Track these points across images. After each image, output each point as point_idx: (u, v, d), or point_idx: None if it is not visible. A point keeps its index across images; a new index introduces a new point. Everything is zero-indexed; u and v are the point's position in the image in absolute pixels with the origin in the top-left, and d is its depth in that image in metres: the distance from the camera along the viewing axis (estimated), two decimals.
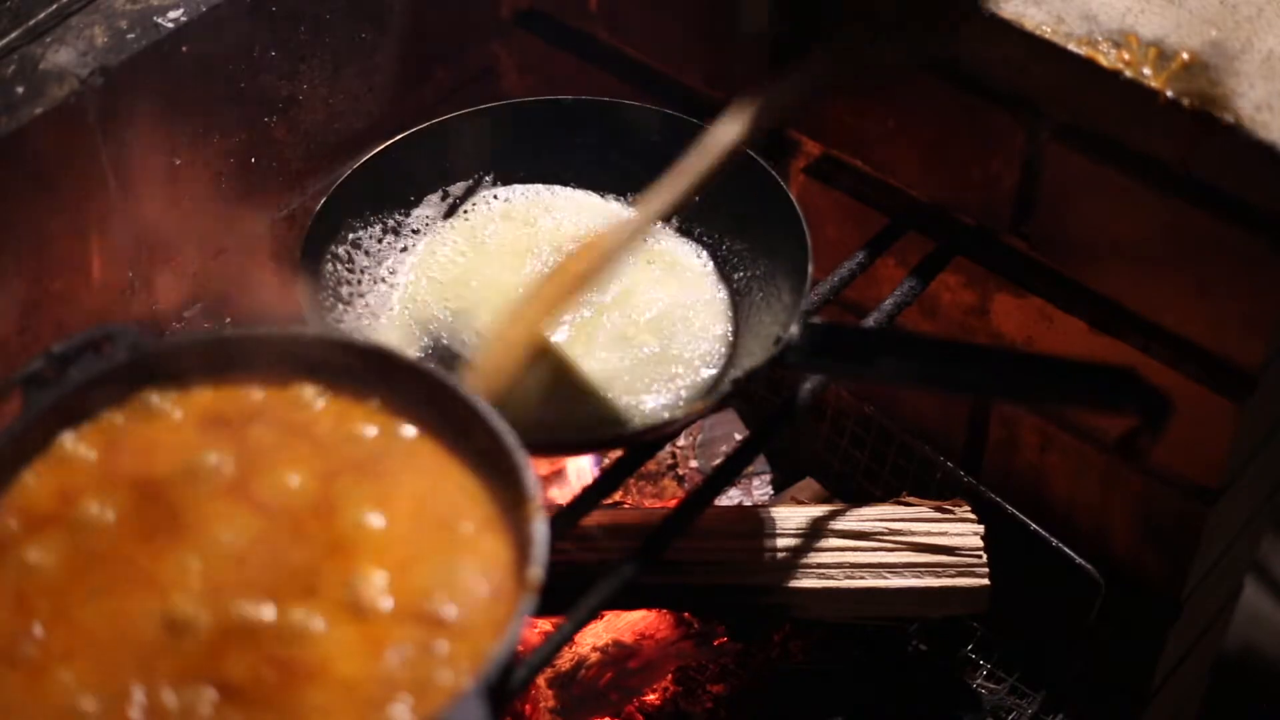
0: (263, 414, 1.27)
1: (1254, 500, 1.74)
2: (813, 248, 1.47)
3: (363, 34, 1.71)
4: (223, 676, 1.11)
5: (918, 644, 1.69)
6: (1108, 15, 1.46)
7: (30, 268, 1.49)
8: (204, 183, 1.62)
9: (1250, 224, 1.40)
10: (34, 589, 1.16)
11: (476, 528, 1.20)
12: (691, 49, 1.75)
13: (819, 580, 1.54)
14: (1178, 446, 1.53)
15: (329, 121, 1.72)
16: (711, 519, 1.54)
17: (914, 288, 1.55)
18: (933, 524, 1.57)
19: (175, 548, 1.18)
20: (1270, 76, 1.40)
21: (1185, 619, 1.71)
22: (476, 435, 1.23)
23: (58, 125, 1.45)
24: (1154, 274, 1.49)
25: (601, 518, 1.51)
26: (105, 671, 1.12)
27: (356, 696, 1.11)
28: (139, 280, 1.61)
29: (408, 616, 1.15)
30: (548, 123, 1.62)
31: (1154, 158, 1.43)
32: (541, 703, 1.55)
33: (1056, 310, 1.57)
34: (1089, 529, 1.67)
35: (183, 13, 1.52)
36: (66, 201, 1.50)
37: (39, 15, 1.49)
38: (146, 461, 1.23)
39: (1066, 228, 1.53)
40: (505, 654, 1.11)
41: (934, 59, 1.51)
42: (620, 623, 1.59)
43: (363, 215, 1.56)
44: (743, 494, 1.79)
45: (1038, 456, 1.69)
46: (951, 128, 1.56)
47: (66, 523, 1.19)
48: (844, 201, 1.68)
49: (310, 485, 1.22)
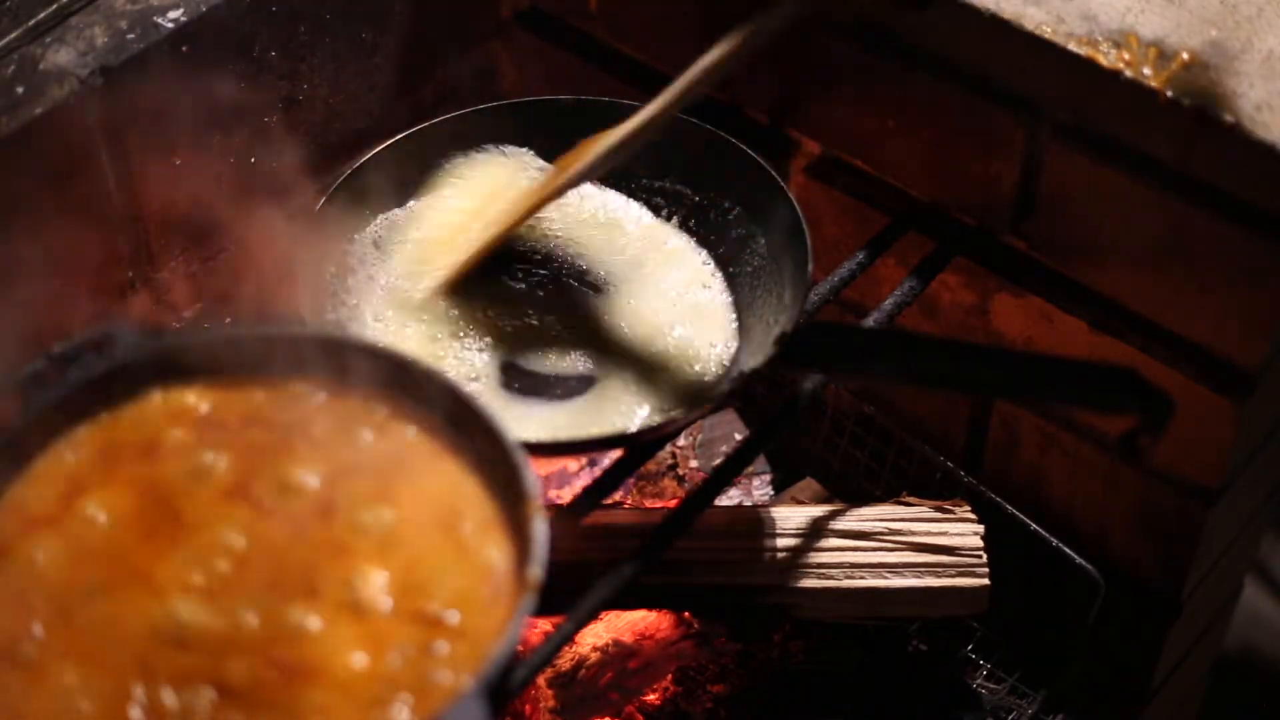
0: (263, 414, 1.27)
1: (1254, 500, 1.74)
2: (813, 248, 1.47)
3: (363, 34, 1.71)
4: (223, 676, 1.11)
5: (918, 644, 1.69)
6: (1108, 15, 1.46)
7: (30, 267, 1.49)
8: (204, 183, 1.62)
9: (1250, 224, 1.40)
10: (34, 589, 1.16)
11: (476, 528, 1.20)
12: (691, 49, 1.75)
13: (819, 580, 1.54)
14: (1178, 446, 1.53)
15: (329, 121, 1.72)
16: (711, 519, 1.54)
17: (914, 288, 1.55)
18: (933, 524, 1.57)
19: (175, 548, 1.18)
20: (1270, 76, 1.40)
21: (1185, 619, 1.71)
22: (476, 436, 1.23)
23: (58, 125, 1.45)
24: (1154, 274, 1.49)
25: (601, 518, 1.51)
26: (105, 671, 1.12)
27: (356, 696, 1.11)
28: (139, 280, 1.61)
29: (408, 616, 1.15)
30: (548, 123, 1.62)
31: (1154, 158, 1.43)
32: (541, 703, 1.55)
33: (1056, 310, 1.58)
34: (1089, 529, 1.67)
35: (183, 13, 1.52)
36: (67, 201, 1.50)
37: (39, 15, 1.49)
38: (146, 462, 1.23)
39: (1066, 228, 1.53)
40: (505, 654, 1.11)
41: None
42: (620, 623, 1.59)
43: (363, 215, 1.56)
44: (743, 494, 1.79)
45: (1038, 456, 1.69)
46: (951, 128, 1.56)
47: (67, 523, 1.19)
48: (844, 201, 1.68)
49: (310, 485, 1.22)
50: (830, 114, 1.66)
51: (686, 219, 1.60)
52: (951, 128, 1.56)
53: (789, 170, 1.70)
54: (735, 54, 1.43)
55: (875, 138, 1.63)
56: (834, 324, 1.67)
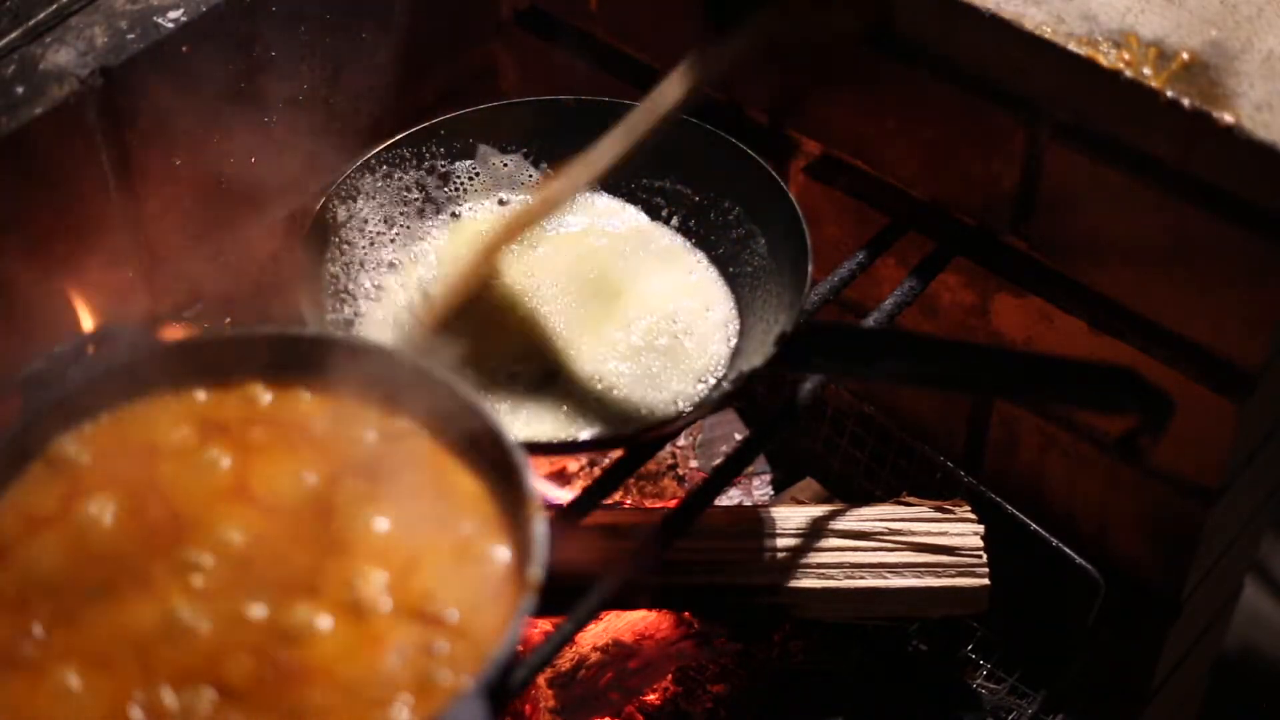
0: (263, 414, 1.27)
1: (1254, 500, 1.74)
2: (813, 248, 1.47)
3: (363, 34, 1.71)
4: (223, 677, 1.11)
5: (918, 644, 1.69)
6: (1108, 15, 1.46)
7: (30, 268, 1.49)
8: (204, 183, 1.62)
9: (1250, 224, 1.40)
10: (34, 589, 1.16)
11: (476, 528, 1.20)
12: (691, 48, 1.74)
13: (819, 580, 1.54)
14: (1178, 446, 1.53)
15: (329, 121, 1.72)
16: (711, 519, 1.54)
17: (914, 288, 1.55)
18: (933, 524, 1.57)
19: (175, 548, 1.18)
20: (1270, 76, 1.40)
21: (1185, 619, 1.71)
22: (477, 435, 1.23)
23: (58, 125, 1.45)
24: (1154, 274, 1.49)
25: (601, 518, 1.51)
26: (105, 671, 1.12)
27: (357, 697, 1.11)
28: (139, 280, 1.61)
29: (408, 616, 1.15)
30: (548, 123, 1.62)
31: (1154, 158, 1.43)
32: (541, 703, 1.55)
33: (1056, 310, 1.57)
34: (1089, 529, 1.67)
35: (183, 13, 1.52)
36: (66, 201, 1.50)
37: (39, 15, 1.49)
38: (147, 462, 1.23)
39: (1066, 227, 1.53)
40: (505, 654, 1.11)
41: (877, 27, 1.51)
42: (620, 623, 1.59)
43: (362, 215, 1.56)
44: (743, 494, 1.79)
45: (1038, 456, 1.69)
46: (951, 128, 1.56)
47: (67, 523, 1.19)
48: (844, 201, 1.68)
49: (310, 485, 1.22)
50: (830, 114, 1.66)
51: (686, 219, 1.60)
52: (951, 128, 1.56)
53: (789, 170, 1.70)
54: (703, 78, 1.46)
55: (875, 138, 1.63)
56: (834, 324, 1.67)
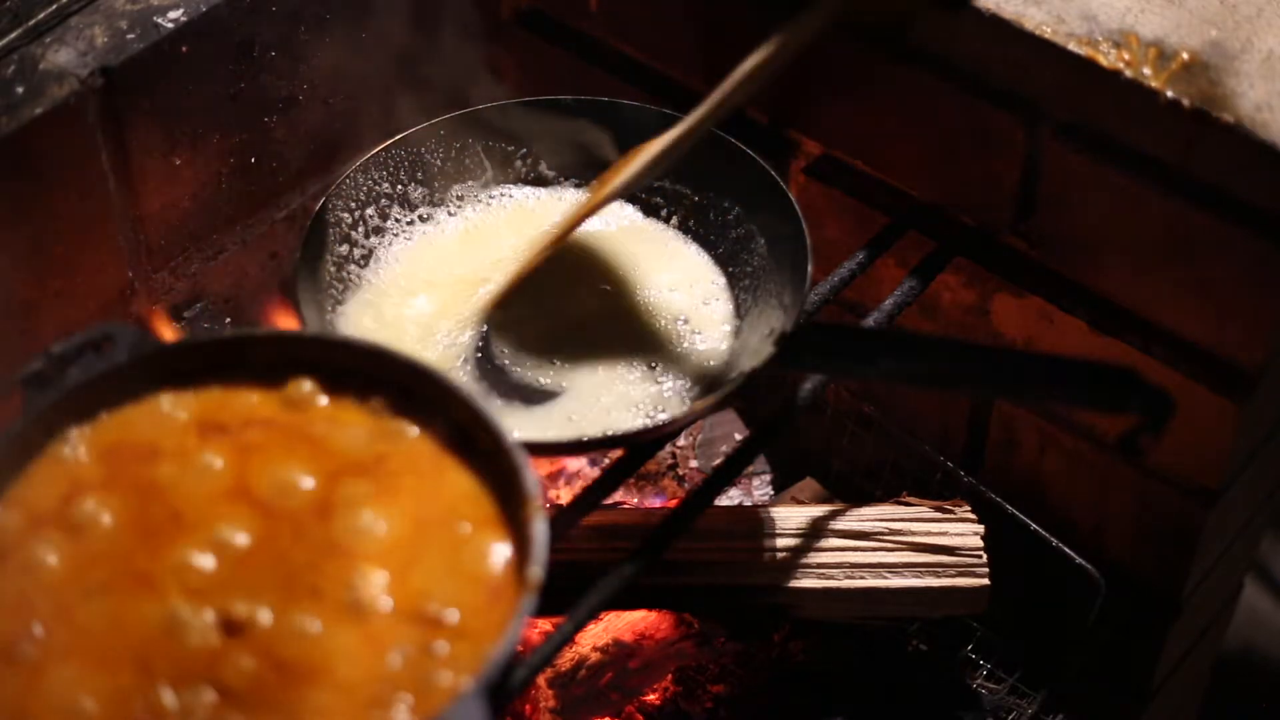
0: (263, 414, 1.27)
1: (1253, 500, 1.74)
2: (813, 248, 1.47)
3: (363, 34, 1.71)
4: (222, 677, 1.11)
5: (918, 644, 1.69)
6: (1108, 15, 1.46)
7: (30, 268, 1.49)
8: (204, 183, 1.62)
9: (1250, 224, 1.40)
10: (34, 589, 1.16)
11: (476, 528, 1.20)
12: (691, 49, 1.75)
13: (819, 580, 1.54)
14: (1177, 446, 1.53)
15: (329, 121, 1.72)
16: (711, 519, 1.54)
17: (914, 288, 1.55)
18: (933, 524, 1.57)
19: (175, 548, 1.18)
20: (1270, 76, 1.40)
21: (1185, 619, 1.71)
22: (476, 435, 1.23)
23: (58, 125, 1.45)
24: (1154, 274, 1.49)
25: (601, 518, 1.51)
26: (105, 671, 1.12)
27: (357, 697, 1.11)
28: (139, 280, 1.61)
29: (408, 617, 1.15)
30: (548, 123, 1.62)
31: (1154, 158, 1.43)
32: (541, 703, 1.55)
33: (1056, 310, 1.57)
34: (1089, 529, 1.67)
35: (183, 13, 1.52)
36: (66, 201, 1.50)
37: (39, 15, 1.49)
38: (147, 461, 1.23)
39: (1066, 227, 1.53)
40: (505, 654, 1.11)
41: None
42: (620, 623, 1.59)
43: (362, 215, 1.56)
44: (743, 494, 1.79)
45: (1038, 456, 1.69)
46: (951, 128, 1.56)
47: (66, 523, 1.19)
48: (844, 201, 1.68)
49: (310, 486, 1.22)
50: (830, 114, 1.66)
51: (686, 219, 1.60)
52: (951, 128, 1.56)
53: (789, 170, 1.70)
54: (774, 60, 1.40)
55: (875, 138, 1.63)
56: (834, 324, 1.67)
